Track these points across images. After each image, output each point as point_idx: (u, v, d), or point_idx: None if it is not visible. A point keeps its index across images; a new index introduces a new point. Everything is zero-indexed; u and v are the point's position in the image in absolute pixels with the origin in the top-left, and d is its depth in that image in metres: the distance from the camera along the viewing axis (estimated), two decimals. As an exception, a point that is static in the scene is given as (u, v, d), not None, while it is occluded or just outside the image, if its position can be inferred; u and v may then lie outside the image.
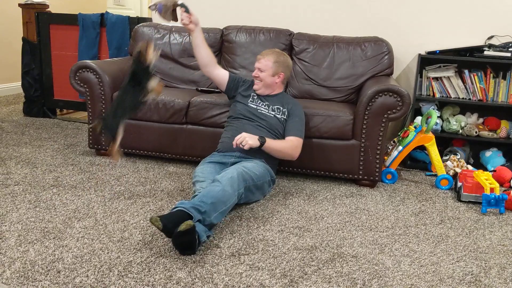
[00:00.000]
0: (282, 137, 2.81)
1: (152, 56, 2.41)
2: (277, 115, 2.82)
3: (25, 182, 2.73)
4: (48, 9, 4.46)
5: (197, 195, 2.26)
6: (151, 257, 1.95)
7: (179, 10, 2.74)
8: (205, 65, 2.91)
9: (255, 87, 2.89)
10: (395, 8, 3.64)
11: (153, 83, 2.46)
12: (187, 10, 2.72)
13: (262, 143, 2.60)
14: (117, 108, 2.46)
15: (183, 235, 1.93)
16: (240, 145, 2.53)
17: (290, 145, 2.74)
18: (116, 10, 6.71)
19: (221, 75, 2.95)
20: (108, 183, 2.78)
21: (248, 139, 2.53)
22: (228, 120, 2.92)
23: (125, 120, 2.48)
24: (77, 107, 4.42)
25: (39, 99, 4.40)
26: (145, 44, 2.42)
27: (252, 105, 2.85)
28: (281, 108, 2.84)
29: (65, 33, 4.29)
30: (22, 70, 4.39)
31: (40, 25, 4.29)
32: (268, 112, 2.82)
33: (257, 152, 2.66)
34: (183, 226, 1.92)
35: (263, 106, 2.85)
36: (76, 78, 3.22)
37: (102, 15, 4.15)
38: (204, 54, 2.88)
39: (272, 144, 2.66)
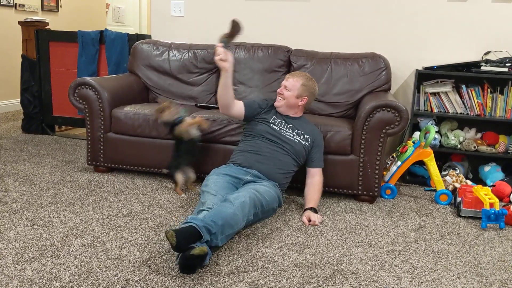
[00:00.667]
0: (302, 163, 2.82)
1: (165, 116, 2.90)
2: (302, 141, 2.78)
3: (23, 199, 2.72)
4: (47, 27, 4.49)
5: (205, 209, 2.25)
6: (149, 275, 1.94)
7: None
8: (228, 105, 2.73)
9: (276, 103, 2.82)
10: (392, 24, 3.68)
11: (190, 132, 2.91)
12: (225, 46, 2.54)
13: (317, 212, 2.70)
14: (175, 158, 2.97)
15: (195, 259, 1.92)
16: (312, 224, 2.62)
17: (320, 182, 2.80)
18: (115, 27, 6.78)
19: (238, 109, 2.78)
20: (107, 200, 2.77)
21: (318, 222, 2.60)
22: (245, 137, 2.85)
23: (183, 167, 2.93)
24: (76, 123, 4.43)
25: (38, 115, 4.40)
26: (164, 104, 2.92)
27: (275, 127, 2.79)
28: (305, 134, 2.80)
29: (64, 50, 4.32)
30: (21, 87, 4.40)
31: (39, 42, 4.32)
32: (293, 137, 2.77)
33: (275, 177, 2.68)
34: (197, 251, 1.90)
35: (287, 129, 2.79)
36: (75, 94, 3.23)
37: (101, 32, 4.18)
38: (231, 95, 2.70)
39: (318, 201, 2.78)
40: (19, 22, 4.46)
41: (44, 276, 1.88)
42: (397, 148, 3.33)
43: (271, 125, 2.79)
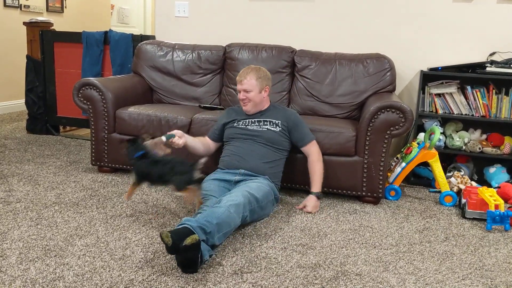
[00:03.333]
0: (286, 147, 2.82)
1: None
2: (271, 128, 2.80)
3: (27, 199, 2.72)
4: (52, 28, 4.50)
5: (201, 212, 2.25)
6: (153, 275, 1.93)
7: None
8: (206, 153, 2.86)
9: (245, 108, 2.83)
10: (397, 25, 3.66)
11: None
12: (170, 136, 2.59)
13: (319, 196, 2.82)
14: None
15: (188, 249, 1.91)
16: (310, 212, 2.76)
17: (318, 159, 2.83)
18: (120, 28, 6.79)
19: (212, 145, 2.94)
20: (110, 200, 2.77)
21: (313, 209, 2.75)
22: (224, 145, 2.92)
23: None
24: (80, 124, 4.44)
25: (43, 116, 4.41)
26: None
27: (241, 125, 2.84)
28: (274, 120, 2.82)
29: (68, 51, 4.33)
30: (25, 88, 4.41)
31: (44, 43, 4.33)
32: (260, 127, 2.81)
33: (261, 170, 2.68)
34: (188, 240, 1.90)
35: (252, 123, 2.83)
36: (79, 95, 3.24)
37: (105, 33, 4.19)
38: (202, 147, 2.85)
39: (321, 181, 2.82)
40: (24, 23, 4.48)
41: (48, 276, 1.88)
42: (402, 150, 3.31)
43: (237, 126, 2.84)
